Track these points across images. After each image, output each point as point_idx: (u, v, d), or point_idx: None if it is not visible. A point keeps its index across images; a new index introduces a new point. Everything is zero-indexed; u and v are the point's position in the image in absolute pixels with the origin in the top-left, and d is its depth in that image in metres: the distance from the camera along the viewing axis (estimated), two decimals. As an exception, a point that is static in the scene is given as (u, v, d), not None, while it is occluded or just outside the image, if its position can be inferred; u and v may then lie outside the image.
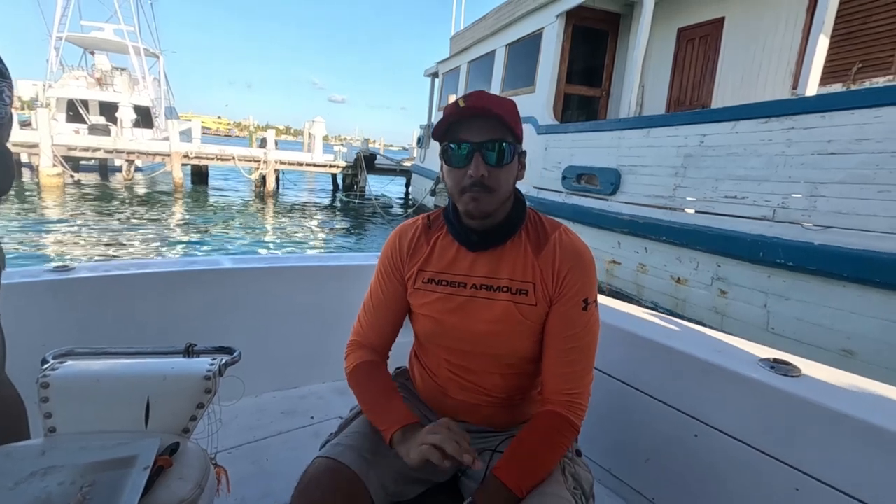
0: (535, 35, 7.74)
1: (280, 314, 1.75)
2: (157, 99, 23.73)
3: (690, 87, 6.45)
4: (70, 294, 1.39)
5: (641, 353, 1.30)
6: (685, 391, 1.18)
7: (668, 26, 6.63)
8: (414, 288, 0.96)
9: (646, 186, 5.10)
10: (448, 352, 0.97)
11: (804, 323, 3.69)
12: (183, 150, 15.37)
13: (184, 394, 0.84)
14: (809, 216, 3.57)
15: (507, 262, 0.92)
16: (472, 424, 0.99)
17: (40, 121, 13.88)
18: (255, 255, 1.95)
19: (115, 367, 0.87)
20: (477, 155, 0.83)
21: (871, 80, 4.39)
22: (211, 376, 0.85)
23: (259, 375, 1.65)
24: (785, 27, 5.23)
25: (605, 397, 1.32)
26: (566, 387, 0.89)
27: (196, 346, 0.98)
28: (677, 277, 4.77)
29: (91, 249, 8.50)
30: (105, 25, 23.88)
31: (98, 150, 15.09)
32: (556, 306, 0.90)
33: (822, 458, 0.94)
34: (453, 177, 0.87)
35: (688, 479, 1.18)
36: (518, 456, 0.82)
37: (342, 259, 1.92)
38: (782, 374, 1.06)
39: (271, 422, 1.59)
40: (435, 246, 0.97)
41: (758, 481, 1.03)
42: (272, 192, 16.55)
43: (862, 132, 3.28)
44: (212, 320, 1.60)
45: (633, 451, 1.32)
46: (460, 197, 0.87)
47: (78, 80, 22.10)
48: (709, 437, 1.12)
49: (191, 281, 1.57)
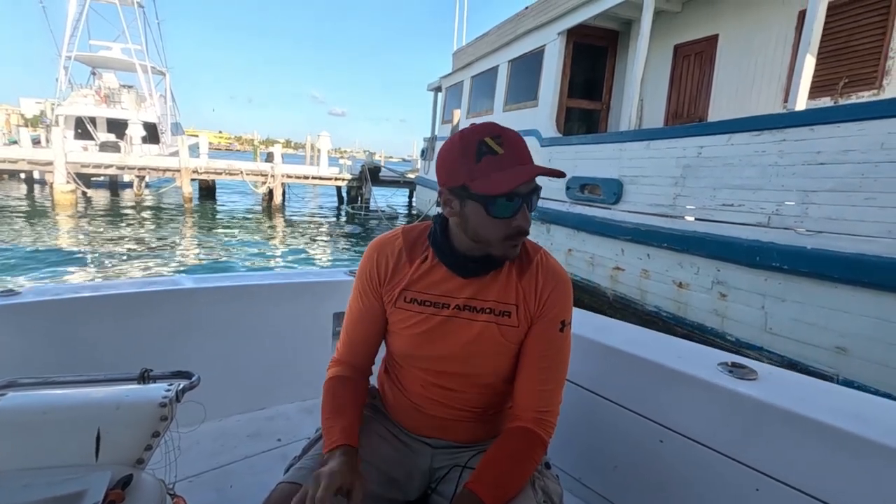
0: (537, 52, 8.06)
1: (245, 334, 1.69)
2: (163, 115, 24.19)
3: (687, 100, 6.74)
4: (14, 320, 1.30)
5: (608, 361, 1.31)
6: (650, 398, 1.20)
7: (665, 43, 6.94)
8: (395, 307, 0.95)
9: (647, 196, 5.34)
10: (424, 371, 0.96)
11: (800, 323, 3.91)
12: (192, 166, 15.71)
13: (138, 423, 0.79)
14: (802, 222, 3.81)
15: (493, 285, 0.92)
16: (442, 440, 0.99)
17: (54, 139, 14.24)
18: (217, 274, 1.90)
19: (62, 398, 0.81)
20: (524, 206, 0.83)
21: (858, 95, 4.66)
22: (167, 403, 0.81)
23: (223, 398, 1.60)
24: (776, 44, 5.53)
25: (574, 407, 1.32)
26: (539, 405, 0.90)
27: (152, 371, 0.93)
28: (679, 282, 5.00)
29: (119, 267, 8.74)
30: (113, 44, 24.44)
31: (110, 167, 15.43)
32: (534, 326, 0.92)
33: (779, 458, 0.97)
34: (496, 226, 0.84)
35: (654, 484, 1.19)
36: (491, 471, 0.82)
37: (309, 275, 1.88)
38: (740, 378, 1.08)
39: (236, 446, 1.53)
40: (419, 267, 0.94)
41: (720, 483, 1.05)
42: (279, 205, 16.87)
43: (847, 144, 3.53)
44: (171, 344, 1.54)
45: (602, 460, 1.33)
46: (501, 244, 0.86)
47: (86, 98, 22.59)
48: (673, 442, 1.14)
49: (148, 303, 1.50)
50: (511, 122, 9.19)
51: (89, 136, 21.12)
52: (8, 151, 15.34)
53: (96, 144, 19.94)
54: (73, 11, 23.34)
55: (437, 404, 0.96)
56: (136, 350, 1.46)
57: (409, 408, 0.99)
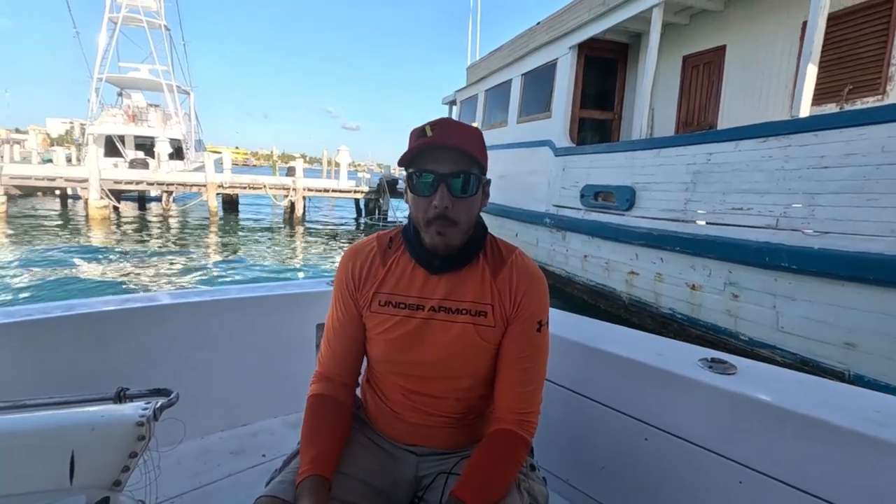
0: (550, 65, 8.33)
1: (226, 349, 1.67)
2: (187, 133, 25.14)
3: (697, 109, 6.93)
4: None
5: (591, 362, 1.31)
6: (633, 396, 1.21)
7: (674, 54, 7.16)
8: (370, 311, 0.95)
9: (659, 202, 5.51)
10: (403, 377, 0.95)
11: (810, 321, 4.05)
12: (218, 181, 16.35)
13: (114, 443, 0.78)
14: (809, 223, 3.97)
15: (467, 285, 0.92)
16: (426, 447, 0.98)
17: (89, 158, 15.03)
18: (196, 289, 1.87)
19: (33, 421, 0.79)
20: (442, 186, 0.84)
21: (862, 100, 4.82)
22: (144, 422, 0.79)
23: (205, 415, 1.58)
24: (781, 54, 5.71)
25: (559, 409, 1.33)
26: (520, 406, 0.91)
27: (129, 390, 0.91)
28: (692, 284, 5.16)
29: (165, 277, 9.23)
30: (141, 66, 25.60)
31: (141, 183, 16.16)
32: (511, 327, 0.92)
33: (760, 450, 0.98)
34: (418, 205, 0.87)
35: (641, 483, 1.20)
36: (476, 476, 0.83)
37: (290, 287, 1.86)
38: (720, 373, 1.10)
39: (219, 464, 1.50)
40: (392, 267, 0.95)
41: (704, 478, 1.07)
42: (300, 217, 17.42)
43: (849, 148, 3.71)
44: (150, 362, 1.51)
45: (588, 460, 1.33)
46: (426, 228, 0.87)
47: (115, 117, 23.67)
48: (658, 440, 1.15)
49: (125, 320, 1.46)
50: (525, 134, 9.42)
51: (118, 153, 22.12)
52: (47, 170, 16.22)
53: (125, 161, 20.88)
54: (104, 37, 24.57)
55: (418, 412, 0.96)
56: (112, 370, 1.41)
57: (390, 416, 0.98)
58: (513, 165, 9.22)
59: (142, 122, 23.98)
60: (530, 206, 8.30)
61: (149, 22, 25.02)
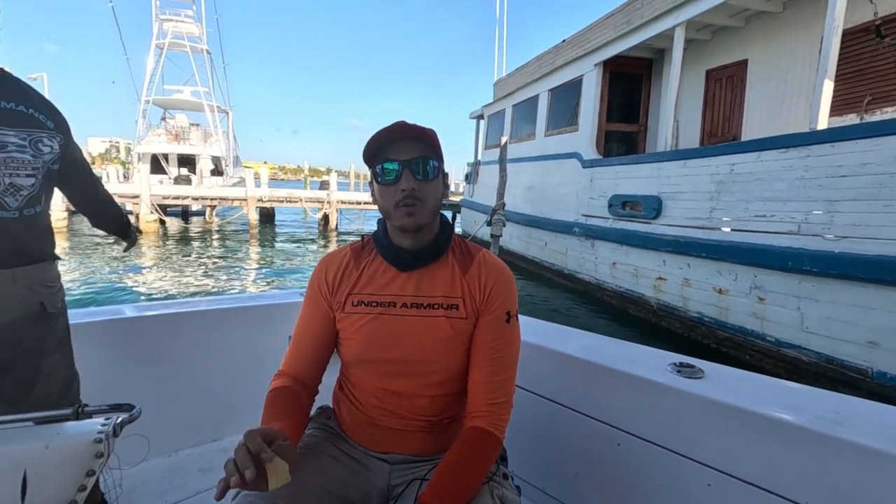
0: (576, 81, 8.69)
1: (194, 363, 1.63)
2: (226, 150, 26.46)
3: (721, 121, 7.16)
4: None
5: (565, 369, 1.32)
6: (606, 403, 1.22)
7: (697, 69, 7.42)
8: (343, 313, 0.96)
9: (685, 210, 5.75)
10: (378, 376, 0.96)
11: (833, 321, 4.25)
12: (258, 195, 17.26)
13: (70, 462, 0.75)
14: (829, 229, 4.19)
15: (437, 280, 0.96)
16: (399, 454, 0.98)
17: (141, 176, 16.15)
18: (162, 301, 1.84)
19: None
20: (406, 171, 0.89)
21: (882, 111, 5.01)
22: (103, 438, 0.76)
23: (171, 431, 1.53)
24: (802, 66, 5.93)
25: (534, 417, 1.34)
26: (491, 396, 0.92)
27: (87, 406, 0.87)
28: (719, 289, 5.37)
29: (226, 282, 9.95)
30: (184, 88, 27.19)
31: (186, 198, 17.21)
32: (482, 318, 0.95)
33: (726, 452, 1.00)
34: (385, 194, 0.92)
35: (614, 488, 1.22)
36: (445, 480, 0.83)
37: (261, 298, 1.84)
38: (687, 377, 1.12)
39: (187, 482, 1.46)
40: (364, 270, 0.98)
41: (675, 482, 1.08)
42: (334, 228, 18.20)
43: (866, 157, 3.94)
44: (113, 377, 1.46)
45: (563, 468, 1.33)
46: (395, 212, 0.91)
47: (159, 137, 25.19)
48: (630, 445, 1.16)
49: (86, 334, 1.39)
50: (553, 146, 9.80)
51: (162, 171, 23.53)
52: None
53: (169, 178, 22.21)
54: (151, 61, 26.26)
55: (391, 415, 0.96)
56: None
57: (364, 422, 0.99)
58: (540, 177, 9.57)
59: (184, 141, 25.43)
60: (559, 216, 8.60)
61: (192, 46, 26.63)
